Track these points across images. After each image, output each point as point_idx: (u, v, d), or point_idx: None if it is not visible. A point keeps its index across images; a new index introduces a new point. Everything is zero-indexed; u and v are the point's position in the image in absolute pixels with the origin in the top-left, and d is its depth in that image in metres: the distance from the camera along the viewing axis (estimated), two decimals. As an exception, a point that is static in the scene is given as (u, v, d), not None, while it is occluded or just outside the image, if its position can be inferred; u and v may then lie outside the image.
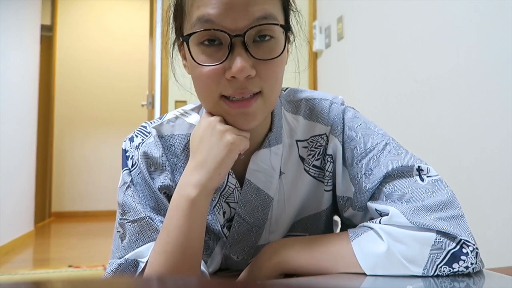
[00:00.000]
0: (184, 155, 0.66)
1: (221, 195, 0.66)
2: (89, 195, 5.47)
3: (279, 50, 0.56)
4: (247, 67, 0.53)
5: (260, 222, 0.67)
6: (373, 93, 2.06)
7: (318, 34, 2.68)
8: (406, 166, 0.60)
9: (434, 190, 0.58)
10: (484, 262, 0.56)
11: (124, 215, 0.63)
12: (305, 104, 0.69)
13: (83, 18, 5.55)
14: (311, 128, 0.68)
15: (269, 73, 0.55)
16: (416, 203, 0.56)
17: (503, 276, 0.55)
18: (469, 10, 1.43)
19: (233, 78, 0.54)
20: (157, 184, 0.64)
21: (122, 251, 0.62)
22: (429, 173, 0.61)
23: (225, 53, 0.54)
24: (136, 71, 5.51)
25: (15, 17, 3.47)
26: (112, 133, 5.51)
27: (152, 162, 0.65)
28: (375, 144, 0.64)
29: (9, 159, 3.30)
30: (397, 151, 0.63)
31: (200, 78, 0.56)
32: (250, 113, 0.56)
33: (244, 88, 0.54)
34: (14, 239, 3.43)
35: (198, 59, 0.55)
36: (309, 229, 0.71)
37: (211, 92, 0.56)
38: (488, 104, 1.34)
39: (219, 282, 0.23)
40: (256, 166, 0.64)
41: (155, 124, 0.68)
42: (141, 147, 0.65)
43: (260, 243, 0.69)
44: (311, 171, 0.68)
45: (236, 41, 0.53)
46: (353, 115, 0.68)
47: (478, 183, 1.36)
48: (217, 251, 0.69)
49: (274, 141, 0.65)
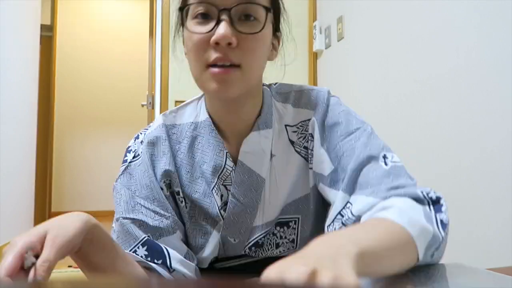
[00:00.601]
0: (186, 142, 0.73)
1: (219, 177, 0.71)
2: (89, 195, 5.47)
3: (261, 27, 0.63)
4: (229, 33, 0.60)
5: (254, 202, 0.71)
6: (373, 93, 2.06)
7: (318, 34, 2.68)
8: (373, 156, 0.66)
9: (396, 175, 0.63)
10: (484, 262, 0.56)
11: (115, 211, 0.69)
12: (294, 94, 0.75)
13: (83, 18, 5.54)
14: (300, 115, 0.73)
15: (249, 46, 0.62)
16: (380, 186, 0.62)
17: (503, 276, 0.55)
18: (469, 10, 1.43)
19: (217, 45, 0.60)
20: (159, 172, 0.70)
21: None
22: (393, 159, 0.66)
23: (214, 24, 0.61)
24: (136, 71, 5.51)
25: (15, 17, 3.46)
26: (112, 133, 5.51)
27: (154, 149, 0.71)
28: (355, 129, 0.69)
29: (9, 159, 3.30)
30: (370, 136, 0.69)
31: (191, 48, 0.63)
32: (228, 80, 0.62)
33: (225, 55, 0.61)
34: (14, 239, 3.42)
35: (191, 30, 0.63)
36: (301, 211, 0.75)
37: (198, 59, 0.63)
38: (488, 104, 1.34)
39: (219, 282, 0.23)
40: (247, 148, 0.70)
41: (163, 114, 0.76)
42: (145, 139, 0.72)
43: (255, 224, 0.73)
44: (302, 152, 0.73)
45: (223, 14, 0.61)
46: (337, 102, 0.74)
47: (478, 183, 1.36)
48: (215, 234, 0.73)
49: (264, 125, 0.71)
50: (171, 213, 0.69)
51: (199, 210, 0.72)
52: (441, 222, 0.57)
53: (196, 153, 0.72)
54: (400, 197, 0.59)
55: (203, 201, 0.71)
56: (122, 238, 0.66)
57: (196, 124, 0.73)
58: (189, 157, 0.72)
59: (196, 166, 0.71)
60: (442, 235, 0.56)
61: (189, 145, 0.72)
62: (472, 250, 1.33)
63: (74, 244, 0.50)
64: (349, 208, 0.63)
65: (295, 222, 0.75)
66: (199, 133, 0.73)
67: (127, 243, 0.65)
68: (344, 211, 0.64)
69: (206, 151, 0.71)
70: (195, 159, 0.72)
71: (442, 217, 0.58)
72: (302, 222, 0.75)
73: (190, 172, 0.71)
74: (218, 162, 0.70)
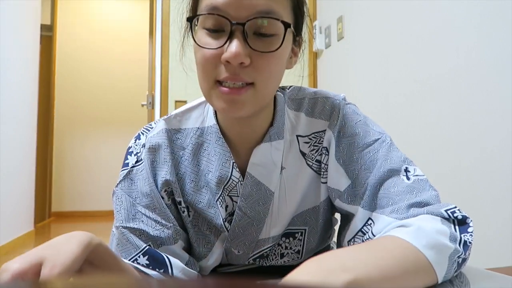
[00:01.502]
0: (191, 148, 0.68)
1: (225, 188, 0.67)
2: (89, 195, 5.48)
3: (278, 45, 0.57)
4: (242, 53, 0.55)
5: (261, 216, 0.68)
6: (373, 93, 2.06)
7: (318, 34, 2.68)
8: (395, 169, 0.63)
9: (420, 190, 0.60)
10: (484, 262, 0.56)
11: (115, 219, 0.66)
12: (308, 102, 0.70)
13: (83, 18, 5.55)
14: (313, 125, 0.69)
15: (263, 66, 0.57)
16: (402, 203, 0.58)
17: (503, 276, 0.55)
18: (469, 10, 1.43)
19: (228, 63, 0.55)
20: (159, 180, 0.66)
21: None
22: (415, 173, 0.63)
23: (225, 39, 0.56)
24: (136, 71, 5.51)
25: (15, 17, 3.46)
26: (112, 133, 5.51)
27: (155, 156, 0.67)
28: (373, 140, 0.65)
29: (9, 159, 3.30)
30: (390, 148, 0.65)
31: (200, 61, 0.59)
32: (239, 101, 0.57)
33: (237, 75, 0.56)
34: (14, 239, 3.43)
35: (200, 42, 0.58)
36: (308, 222, 0.72)
37: (207, 75, 0.58)
38: (488, 104, 1.34)
39: (218, 282, 0.23)
40: (257, 160, 0.66)
41: (165, 117, 0.71)
42: (147, 143, 0.68)
43: (261, 237, 0.70)
44: (314, 166, 0.69)
45: (236, 29, 0.55)
46: (353, 111, 0.69)
47: (478, 183, 1.36)
48: (218, 245, 0.70)
49: (276, 136, 0.67)
50: (173, 222, 0.66)
51: (202, 219, 0.69)
52: (465, 243, 0.54)
53: (202, 160, 0.68)
54: (423, 215, 0.55)
55: (207, 211, 0.68)
56: (123, 246, 0.64)
57: (202, 130, 0.69)
58: (194, 165, 0.68)
59: (201, 174, 0.68)
60: (462, 254, 0.53)
61: (194, 152, 0.68)
62: (472, 250, 1.33)
63: (74, 270, 0.45)
64: (370, 226, 0.60)
65: (302, 233, 0.72)
66: (205, 139, 0.68)
67: (128, 251, 0.63)
68: (366, 229, 0.61)
69: (212, 159, 0.67)
70: (200, 167, 0.68)
71: (467, 239, 0.54)
72: (309, 234, 0.72)
73: (194, 181, 0.68)
74: (223, 173, 0.66)
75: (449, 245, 0.51)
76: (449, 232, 0.53)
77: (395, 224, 0.56)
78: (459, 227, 0.55)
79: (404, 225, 0.54)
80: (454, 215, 0.55)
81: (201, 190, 0.68)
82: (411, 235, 0.51)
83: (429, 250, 0.49)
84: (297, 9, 0.63)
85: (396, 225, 0.56)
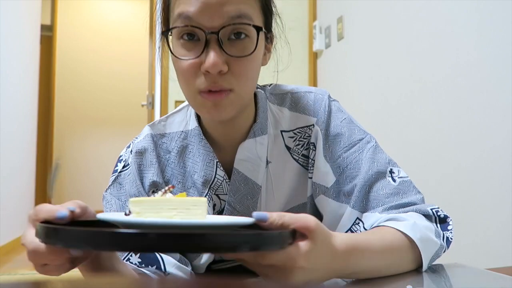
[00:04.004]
0: (176, 151, 0.71)
1: (211, 187, 0.69)
2: (89, 195, 5.46)
3: (252, 48, 0.60)
4: (219, 62, 0.57)
5: (250, 210, 0.70)
6: (373, 93, 2.06)
7: (318, 34, 2.68)
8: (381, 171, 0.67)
9: (405, 191, 0.66)
10: (484, 262, 0.56)
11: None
12: (291, 96, 0.73)
13: (83, 18, 5.54)
14: (297, 120, 0.71)
15: (241, 70, 0.60)
16: (390, 204, 0.64)
17: (503, 276, 0.55)
18: (469, 10, 1.43)
19: (207, 73, 0.58)
20: (146, 182, 0.69)
21: None
22: (399, 174, 0.68)
23: (201, 48, 0.58)
24: (136, 71, 5.50)
25: (15, 17, 3.46)
26: (112, 133, 5.51)
27: (142, 160, 0.70)
28: (358, 139, 0.69)
29: (9, 159, 3.30)
30: (375, 150, 0.69)
31: (181, 71, 0.61)
32: (221, 104, 0.60)
33: (216, 83, 0.59)
34: (14, 239, 3.43)
35: (177, 53, 0.61)
36: None
37: (188, 84, 0.61)
38: (488, 104, 1.34)
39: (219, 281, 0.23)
40: (242, 156, 0.69)
41: (150, 124, 0.74)
42: (133, 148, 0.71)
43: None
44: (300, 160, 0.72)
45: (211, 37, 0.58)
46: (338, 109, 0.72)
47: (478, 183, 1.36)
48: None
49: (259, 131, 0.69)
50: None
51: None
52: (447, 239, 0.61)
53: (187, 162, 0.71)
54: (411, 212, 0.62)
55: None
56: None
57: (186, 133, 0.72)
58: (180, 167, 0.71)
59: (188, 176, 0.70)
60: (445, 249, 0.61)
61: (180, 154, 0.71)
62: (472, 250, 1.33)
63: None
64: (359, 225, 0.64)
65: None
66: (190, 142, 0.71)
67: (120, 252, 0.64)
68: (355, 227, 0.65)
69: (197, 160, 0.70)
70: (186, 169, 0.71)
71: (448, 235, 0.62)
72: None
73: (181, 182, 0.70)
74: (208, 172, 0.69)
75: (436, 241, 0.59)
76: (434, 229, 0.60)
77: (386, 217, 0.62)
78: (440, 224, 0.62)
79: (396, 218, 0.61)
80: (438, 214, 0.62)
81: (188, 191, 0.70)
82: (408, 228, 0.57)
83: (422, 243, 0.57)
84: (266, 8, 0.65)
85: (387, 218, 0.61)
